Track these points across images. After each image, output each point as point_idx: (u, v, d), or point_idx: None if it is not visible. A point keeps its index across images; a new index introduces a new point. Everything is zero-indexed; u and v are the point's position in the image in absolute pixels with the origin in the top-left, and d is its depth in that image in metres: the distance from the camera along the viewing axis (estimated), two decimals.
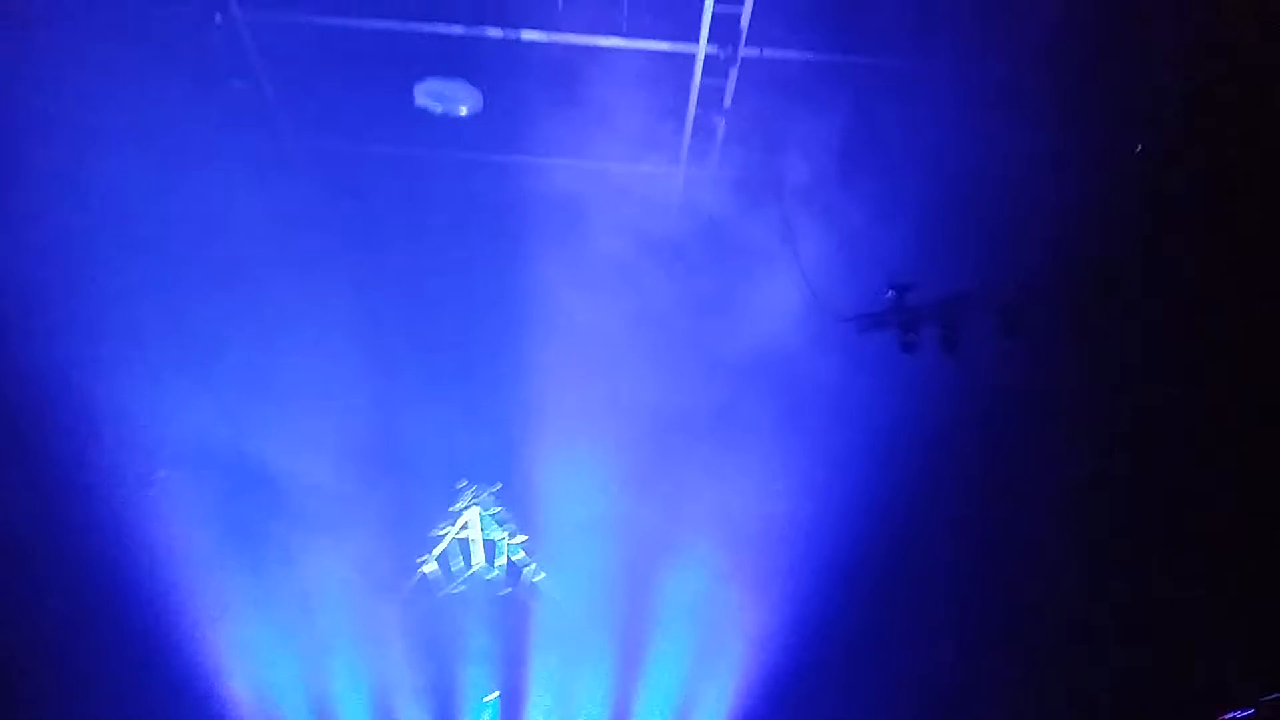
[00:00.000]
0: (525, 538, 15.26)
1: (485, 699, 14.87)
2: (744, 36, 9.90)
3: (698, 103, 10.54)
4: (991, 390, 11.48)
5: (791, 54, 10.07)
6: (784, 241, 10.72)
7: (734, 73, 10.23)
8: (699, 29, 9.95)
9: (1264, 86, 8.95)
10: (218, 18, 9.89)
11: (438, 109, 11.02)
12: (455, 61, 10.78)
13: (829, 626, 13.47)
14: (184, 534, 13.47)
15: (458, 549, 15.51)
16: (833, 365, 12.08)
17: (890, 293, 10.74)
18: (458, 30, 10.46)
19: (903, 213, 10.87)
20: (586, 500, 13.86)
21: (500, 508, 15.31)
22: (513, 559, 15.55)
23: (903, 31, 9.84)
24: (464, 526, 15.41)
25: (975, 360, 10.88)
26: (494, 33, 10.46)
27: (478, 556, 15.51)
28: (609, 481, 13.57)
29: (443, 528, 15.40)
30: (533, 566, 15.44)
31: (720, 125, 10.72)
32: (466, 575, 15.45)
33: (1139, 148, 9.85)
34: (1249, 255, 9.73)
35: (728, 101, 10.49)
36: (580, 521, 14.16)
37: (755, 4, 9.57)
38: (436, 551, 15.37)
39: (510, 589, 15.58)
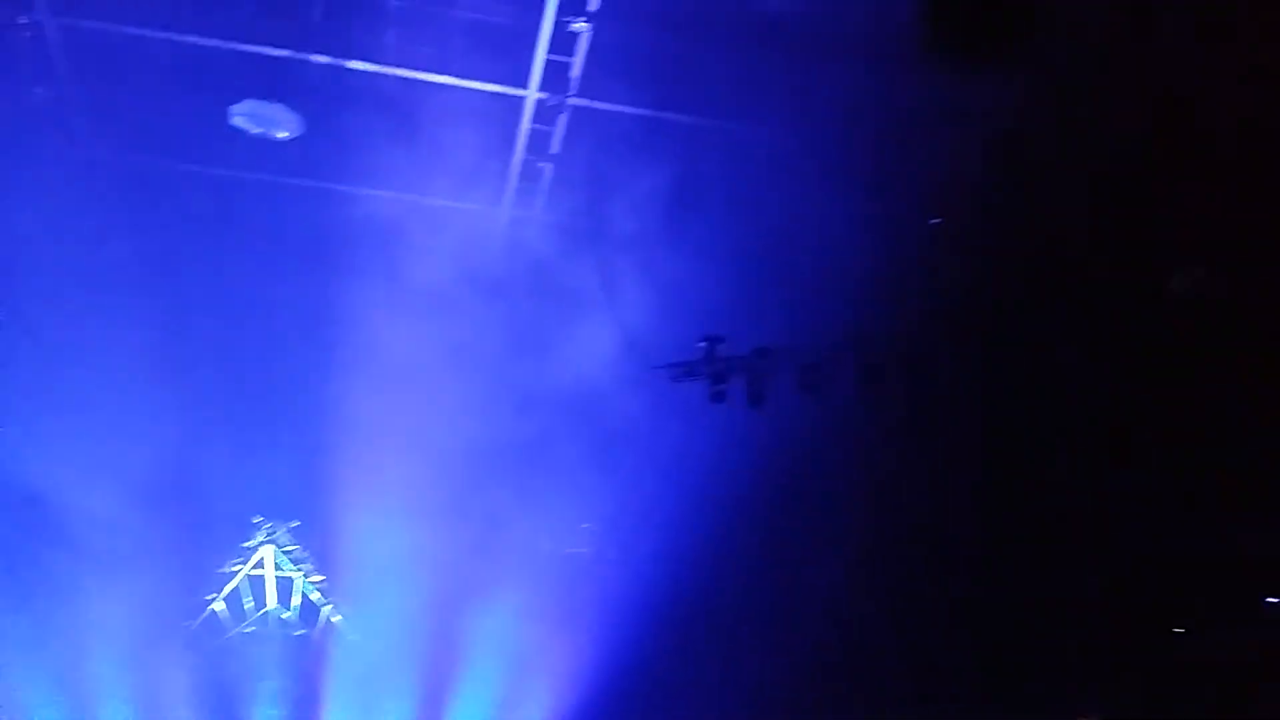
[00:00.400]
0: (323, 577, 14.79)
1: None
2: (574, 86, 10.06)
3: (526, 146, 10.63)
4: (793, 441, 11.94)
5: (620, 107, 10.31)
6: (603, 287, 10.87)
7: (563, 120, 10.38)
8: (530, 74, 10.06)
9: (1063, 161, 9.65)
10: (23, 18, 9.33)
11: (255, 130, 10.71)
12: (278, 85, 10.52)
13: (634, 666, 13.62)
14: None
15: (249, 587, 14.87)
16: (645, 409, 12.33)
17: (702, 344, 11.04)
18: (283, 54, 10.21)
19: (719, 267, 11.25)
20: (391, 538, 13.55)
21: (297, 545, 14.79)
22: (309, 598, 15.02)
23: (727, 95, 10.25)
24: (257, 564, 14.82)
25: (780, 412, 11.28)
26: (320, 59, 10.27)
27: (271, 595, 14.93)
28: (415, 518, 13.33)
29: (234, 564, 14.74)
30: (330, 606, 14.95)
31: (547, 170, 10.84)
32: (258, 615, 14.84)
33: (937, 220, 10.52)
34: (1038, 329, 10.48)
35: (555, 147, 10.63)
36: (383, 560, 13.83)
37: (587, 56, 9.76)
38: (226, 590, 14.69)
39: (305, 629, 15.06)
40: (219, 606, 14.61)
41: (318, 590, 14.89)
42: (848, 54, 9.66)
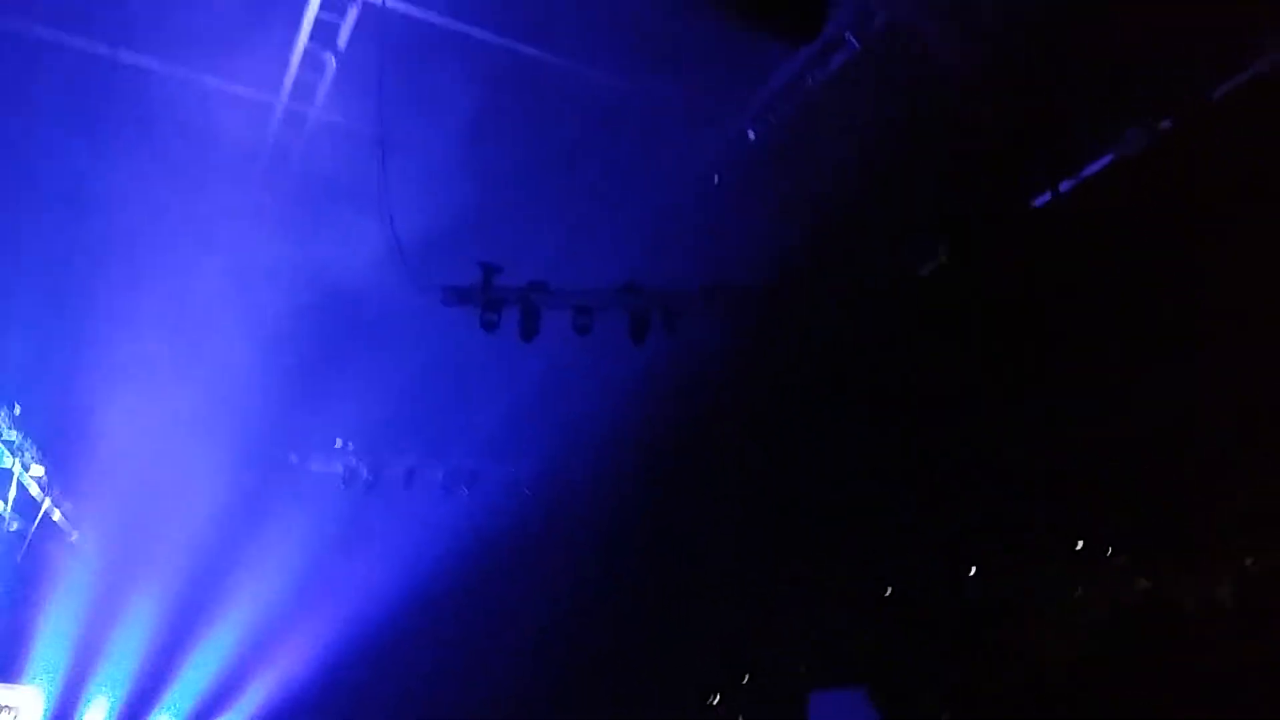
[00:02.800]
0: (42, 470, 13.84)
1: None
2: None
3: (310, 35, 9.98)
4: (561, 372, 12.07)
5: (415, 10, 9.83)
6: (378, 198, 10.44)
7: (352, 13, 9.80)
8: None
9: None
10: None
11: None
12: None
13: (393, 591, 13.75)
14: None
15: None
16: (411, 326, 12.14)
17: (479, 270, 10.85)
18: None
19: (501, 195, 11.07)
20: (126, 430, 12.84)
21: (17, 432, 13.78)
22: (27, 491, 14.06)
23: (529, 17, 9.92)
24: None
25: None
26: None
27: None
28: (153, 409, 12.63)
29: None
30: (47, 501, 14.04)
31: (330, 64, 10.24)
32: None
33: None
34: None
35: (342, 42, 10.04)
36: (117, 455, 13.09)
37: None
38: None
39: (18, 525, 14.11)
40: None
41: (36, 484, 13.95)
42: None
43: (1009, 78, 8.67)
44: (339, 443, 14.64)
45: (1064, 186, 9.41)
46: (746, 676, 13.94)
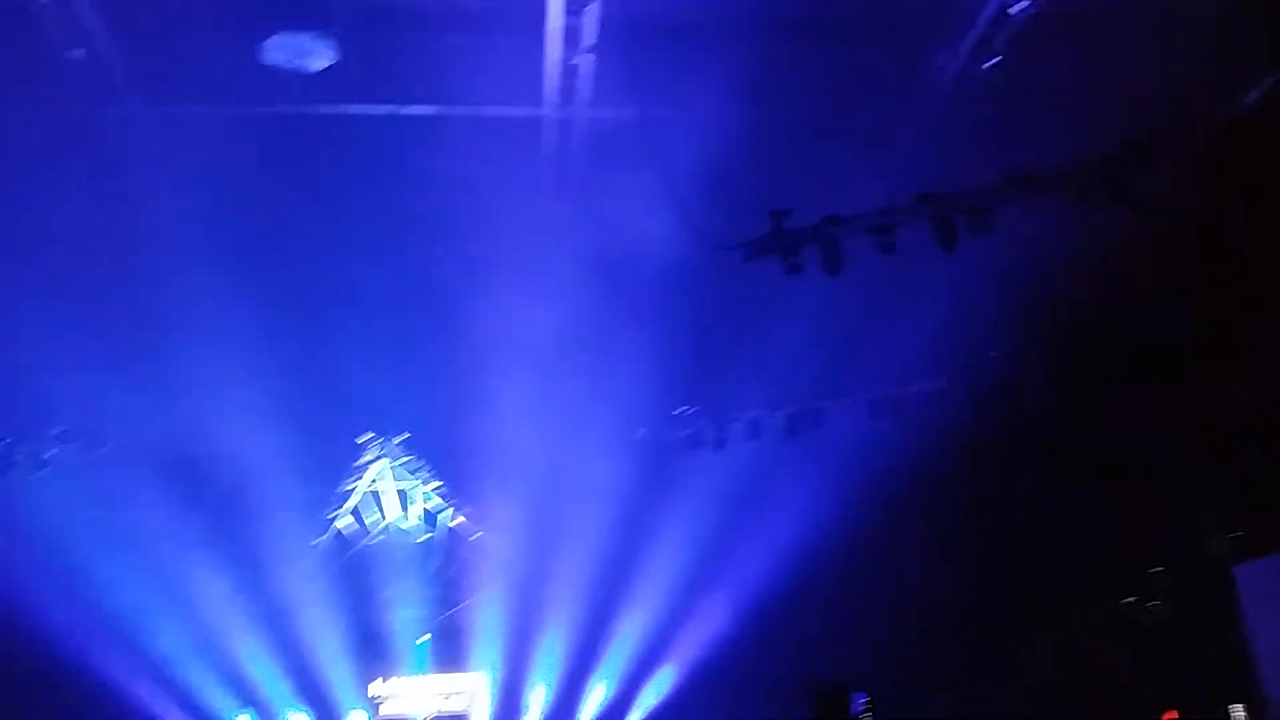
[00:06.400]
0: (439, 484, 15.27)
1: (417, 642, 15.06)
2: None
3: (563, 43, 10.11)
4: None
5: None
6: (661, 178, 10.48)
7: (594, 9, 9.81)
8: None
9: None
10: None
11: (289, 64, 10.46)
12: (302, 12, 10.20)
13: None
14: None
15: (371, 501, 15.51)
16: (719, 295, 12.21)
17: (770, 219, 10.62)
18: None
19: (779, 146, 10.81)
20: (504, 439, 13.86)
21: (410, 456, 15.26)
22: (428, 505, 15.56)
23: None
24: (374, 479, 15.40)
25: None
26: None
27: (392, 507, 15.52)
28: (515, 416, 13.49)
29: (351, 482, 15.33)
30: (449, 511, 15.46)
31: (585, 65, 10.33)
32: (382, 526, 15.50)
33: None
34: None
35: (591, 40, 10.08)
36: (500, 460, 14.16)
37: None
38: (348, 506, 15.35)
39: (429, 534, 15.63)
40: (344, 523, 15.31)
41: (436, 496, 15.42)
42: None
43: None
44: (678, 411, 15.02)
45: None
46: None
